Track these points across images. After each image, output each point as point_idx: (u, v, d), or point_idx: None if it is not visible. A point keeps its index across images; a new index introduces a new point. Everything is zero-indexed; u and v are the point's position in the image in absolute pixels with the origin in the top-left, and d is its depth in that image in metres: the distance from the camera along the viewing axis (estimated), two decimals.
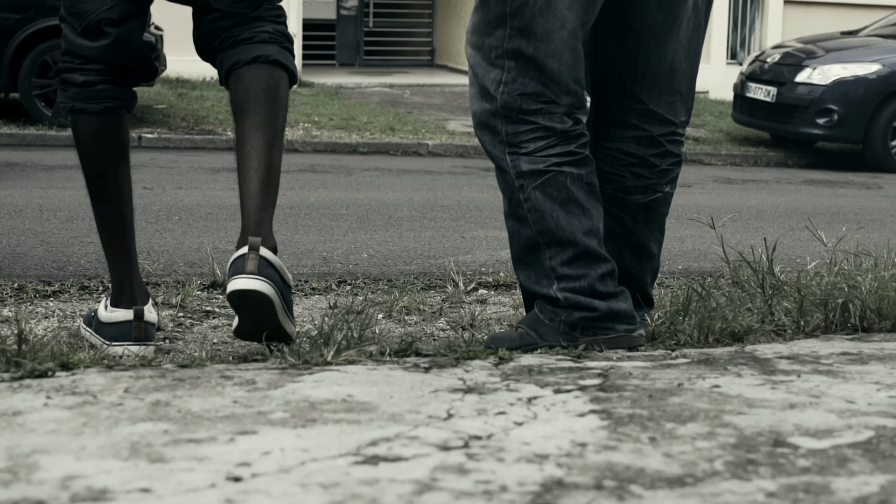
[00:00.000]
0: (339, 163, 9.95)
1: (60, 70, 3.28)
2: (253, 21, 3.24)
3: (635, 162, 3.20)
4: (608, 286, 3.03)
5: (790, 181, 10.40)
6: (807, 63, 12.25)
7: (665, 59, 3.15)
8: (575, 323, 3.01)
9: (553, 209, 2.99)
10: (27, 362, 2.60)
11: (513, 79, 2.98)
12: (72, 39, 3.24)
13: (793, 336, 3.26)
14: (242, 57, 3.18)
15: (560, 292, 3.00)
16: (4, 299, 3.86)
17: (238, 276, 2.97)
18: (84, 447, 1.96)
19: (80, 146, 3.26)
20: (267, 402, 2.27)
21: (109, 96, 3.23)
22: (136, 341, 3.23)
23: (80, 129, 3.24)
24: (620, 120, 3.19)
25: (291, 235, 5.62)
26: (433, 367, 2.63)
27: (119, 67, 3.25)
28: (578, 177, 3.01)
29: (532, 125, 2.99)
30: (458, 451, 1.97)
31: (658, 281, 4.53)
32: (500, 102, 2.99)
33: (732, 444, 2.05)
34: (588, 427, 2.14)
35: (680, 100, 3.22)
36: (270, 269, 3.00)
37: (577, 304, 3.00)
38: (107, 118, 3.23)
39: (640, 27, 3.12)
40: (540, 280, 3.04)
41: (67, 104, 3.24)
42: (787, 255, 5.17)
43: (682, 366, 2.70)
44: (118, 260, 3.31)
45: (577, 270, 3.00)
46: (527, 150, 2.99)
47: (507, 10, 2.96)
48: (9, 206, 6.25)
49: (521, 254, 3.06)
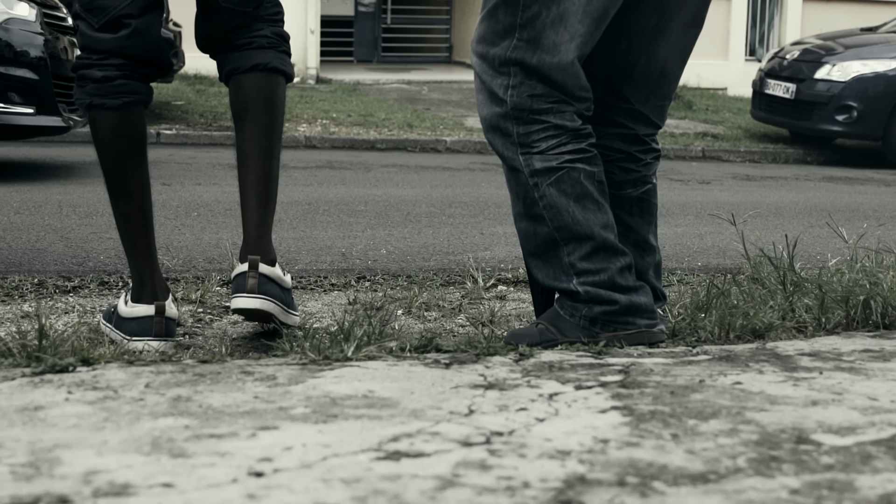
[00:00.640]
0: (357, 159, 9.95)
1: (77, 67, 3.28)
2: (252, 22, 3.36)
3: (622, 157, 3.24)
4: (628, 280, 3.03)
5: (809, 178, 10.37)
6: (826, 59, 12.21)
7: (655, 63, 3.17)
8: (595, 318, 3.01)
9: (568, 204, 2.99)
10: (48, 357, 2.60)
11: (520, 82, 2.99)
12: (90, 35, 3.24)
13: (814, 333, 3.25)
14: (241, 64, 3.34)
15: (580, 286, 3.00)
16: (25, 295, 3.87)
17: (240, 294, 3.28)
18: (106, 442, 1.96)
19: (99, 142, 3.26)
20: (288, 397, 2.27)
21: (128, 91, 3.25)
22: (156, 336, 3.24)
23: (99, 125, 3.25)
24: (607, 118, 3.21)
25: (310, 231, 5.62)
26: (453, 363, 2.63)
27: (138, 60, 3.26)
28: (591, 174, 3.02)
29: (543, 124, 2.99)
30: (479, 447, 1.96)
31: (678, 277, 4.53)
32: (510, 105, 3.00)
33: (755, 441, 2.04)
34: (610, 423, 2.13)
35: (668, 104, 3.28)
36: (269, 284, 3.31)
37: (598, 297, 3.00)
38: (125, 113, 3.25)
39: (633, 30, 3.14)
40: (559, 276, 3.04)
41: (85, 100, 3.25)
42: (807, 251, 5.16)
43: (703, 362, 2.69)
44: (138, 255, 3.31)
45: (597, 264, 3.00)
46: (539, 148, 3.00)
47: (517, 21, 2.97)
48: (28, 202, 6.26)
49: (539, 251, 3.06)
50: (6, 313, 3.60)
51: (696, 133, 13.10)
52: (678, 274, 4.67)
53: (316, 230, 5.69)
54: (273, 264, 3.34)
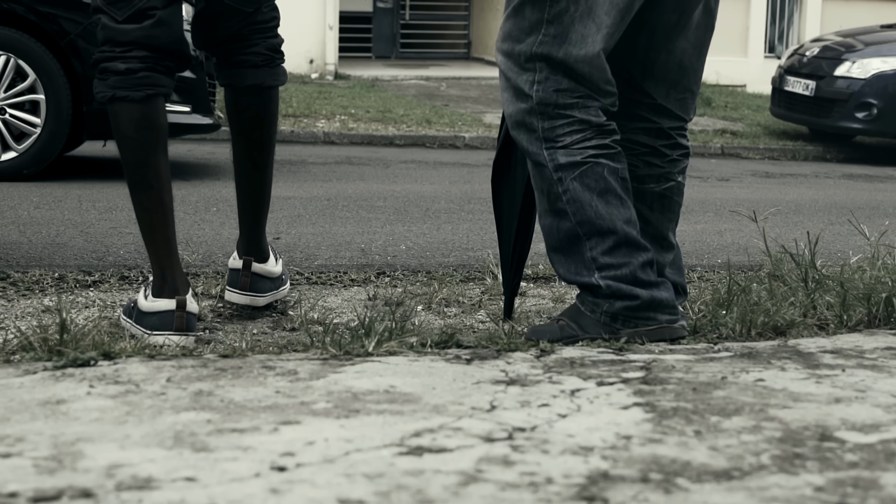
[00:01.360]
0: (375, 155, 9.95)
1: (98, 60, 3.29)
2: (249, 35, 3.53)
3: (646, 151, 3.25)
4: (649, 275, 3.03)
5: (829, 175, 10.33)
6: (846, 56, 12.16)
7: (674, 57, 3.19)
8: (616, 313, 3.00)
9: (592, 199, 2.99)
10: (69, 351, 2.61)
11: (545, 77, 3.00)
12: (112, 27, 3.25)
13: (836, 330, 3.23)
14: (236, 82, 3.56)
15: (602, 280, 3.00)
16: (45, 289, 3.88)
17: (234, 290, 3.65)
18: (128, 436, 1.96)
19: (121, 135, 3.27)
20: (309, 392, 2.27)
21: (151, 83, 3.26)
22: (177, 331, 3.23)
23: (122, 117, 3.25)
24: (631, 112, 3.22)
25: (329, 227, 5.62)
26: (475, 358, 2.62)
27: (161, 52, 3.27)
28: (615, 170, 3.02)
29: (568, 119, 3.00)
30: (502, 442, 1.96)
31: (698, 274, 4.51)
32: (535, 100, 3.01)
33: (778, 438, 2.03)
34: (632, 420, 2.13)
35: (691, 97, 3.28)
36: (260, 280, 3.66)
37: (619, 291, 2.99)
38: (148, 105, 3.26)
39: (654, 26, 3.15)
40: (580, 271, 3.03)
41: (108, 93, 3.25)
42: (828, 249, 5.14)
43: (725, 359, 2.68)
44: (159, 248, 3.31)
45: (619, 259, 3.00)
46: (563, 143, 3.00)
47: (544, 16, 2.99)
48: (48, 197, 6.27)
49: (561, 246, 3.06)
50: (27, 307, 3.61)
51: (715, 130, 13.06)
52: (698, 271, 4.65)
53: (335, 226, 5.69)
54: (265, 260, 3.67)
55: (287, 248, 4.93)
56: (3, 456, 1.84)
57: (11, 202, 6.00)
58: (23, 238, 4.89)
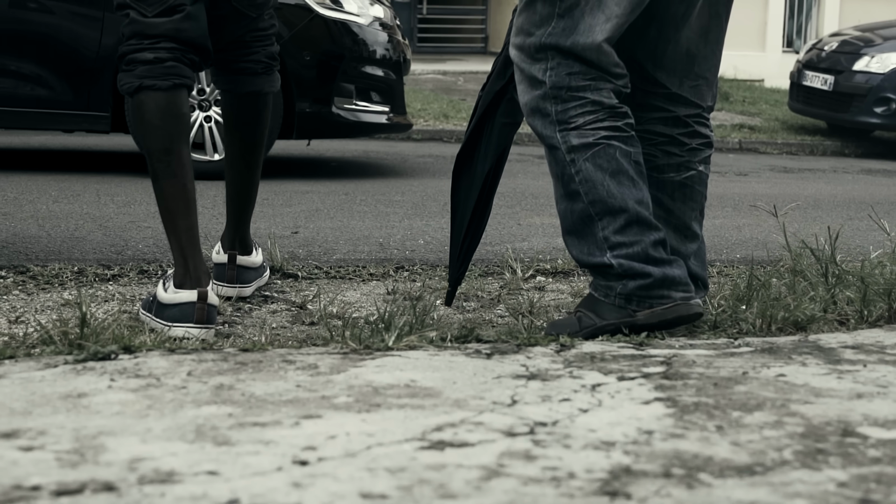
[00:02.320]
0: (393, 149, 9.95)
1: (125, 53, 3.32)
2: (251, 42, 3.69)
3: (665, 140, 3.27)
4: (661, 253, 3.03)
5: (847, 170, 10.30)
6: (865, 51, 12.12)
7: (680, 47, 3.21)
8: (630, 294, 3.00)
9: (604, 178, 3.00)
10: (90, 345, 2.61)
11: (557, 63, 3.04)
12: (141, 21, 3.31)
13: (856, 326, 3.22)
14: (235, 88, 3.73)
15: (614, 258, 3.01)
16: (65, 283, 3.88)
17: (221, 283, 3.78)
18: (150, 429, 1.96)
19: (147, 123, 3.30)
20: (330, 386, 2.27)
21: (178, 74, 3.31)
22: (197, 323, 3.24)
23: (148, 105, 3.29)
24: (646, 103, 3.25)
25: (347, 221, 5.62)
26: (495, 353, 2.62)
27: (188, 45, 3.34)
28: (627, 153, 3.03)
29: (581, 100, 3.03)
30: (523, 437, 1.96)
31: (717, 269, 4.50)
32: (549, 84, 3.04)
33: (801, 434, 2.02)
34: (654, 415, 2.12)
35: (705, 84, 3.29)
36: (244, 272, 3.83)
37: (631, 270, 3.00)
38: (174, 95, 3.31)
39: (662, 18, 3.18)
40: (593, 251, 3.04)
41: (134, 83, 3.29)
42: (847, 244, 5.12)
43: (745, 354, 2.68)
44: (182, 236, 3.31)
45: (630, 237, 3.01)
46: (576, 124, 3.02)
47: (555, 10, 3.03)
48: (67, 191, 6.29)
49: (574, 227, 3.07)
50: (47, 301, 3.61)
51: (733, 125, 13.03)
52: (717, 266, 4.64)
53: (353, 220, 5.69)
54: (249, 253, 3.86)
55: (306, 242, 4.93)
56: (26, 449, 1.84)
57: (30, 196, 6.01)
58: (42, 232, 4.91)
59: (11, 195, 6.03)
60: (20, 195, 6.05)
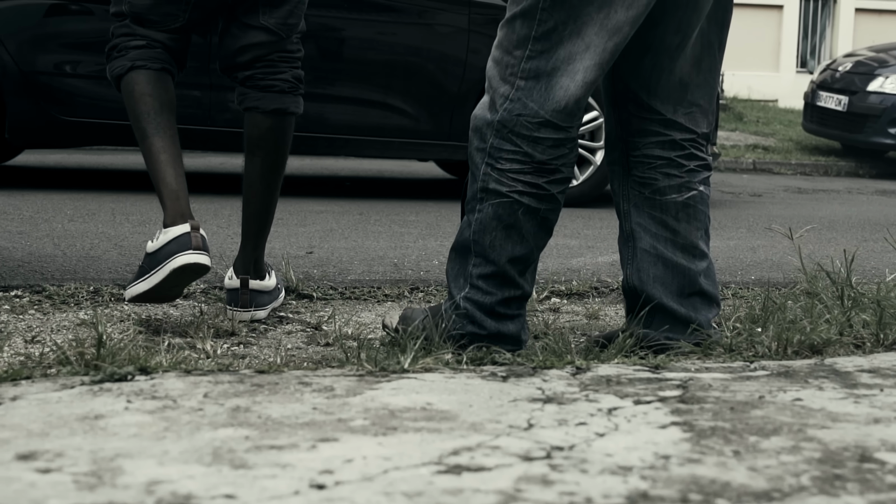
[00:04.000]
0: (407, 169, 9.97)
1: (116, 44, 3.71)
2: (277, 62, 3.80)
3: (663, 163, 3.29)
4: (508, 309, 3.15)
5: (862, 191, 10.29)
6: (879, 72, 12.13)
7: (674, 76, 3.24)
8: (461, 335, 3.12)
9: (496, 228, 3.10)
10: (106, 366, 2.62)
11: (518, 98, 3.07)
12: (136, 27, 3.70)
13: (872, 349, 3.22)
14: (262, 105, 3.78)
15: (464, 301, 3.14)
16: (81, 302, 3.89)
17: (234, 308, 3.78)
18: (167, 452, 1.97)
19: (137, 93, 3.61)
20: (346, 409, 2.27)
21: (167, 61, 3.70)
22: (195, 250, 3.44)
23: (139, 79, 3.62)
24: (642, 129, 3.29)
25: (362, 241, 5.63)
26: (510, 375, 2.62)
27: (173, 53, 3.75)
28: (534, 210, 3.11)
29: (515, 147, 3.08)
30: (540, 461, 1.96)
31: (732, 291, 4.50)
32: (498, 117, 3.10)
33: (818, 459, 2.02)
34: (670, 439, 2.12)
35: (699, 112, 3.31)
36: (259, 295, 3.82)
37: (472, 317, 3.13)
38: (163, 76, 3.67)
39: (657, 49, 3.21)
40: (458, 279, 3.18)
41: (126, 64, 3.64)
42: (862, 266, 5.12)
43: (762, 378, 2.67)
44: (172, 182, 3.54)
45: (488, 287, 3.13)
46: (501, 167, 3.09)
47: (531, 33, 3.06)
48: (82, 210, 6.30)
49: (458, 247, 3.19)
50: (63, 321, 3.62)
51: (746, 145, 13.03)
52: (732, 287, 4.63)
53: (368, 240, 5.70)
54: (262, 278, 3.84)
55: (320, 262, 4.94)
56: (43, 471, 1.85)
57: (46, 215, 6.03)
58: (57, 251, 4.92)
59: (27, 214, 6.05)
60: (36, 214, 6.06)
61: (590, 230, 6.44)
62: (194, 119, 7.08)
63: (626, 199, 3.33)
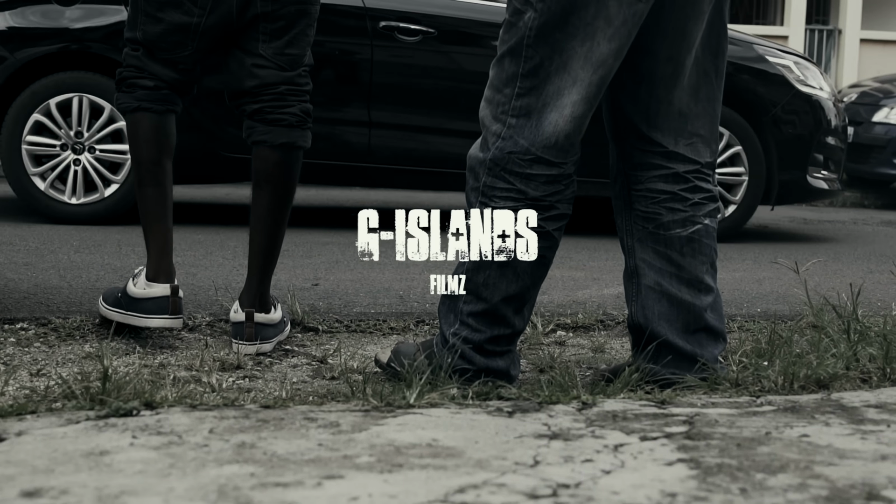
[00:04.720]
0: (412, 199, 9.97)
1: (126, 77, 3.89)
2: (286, 95, 3.87)
3: (667, 198, 3.29)
4: (498, 346, 3.18)
5: (867, 222, 10.29)
6: (884, 102, 12.14)
7: (673, 107, 3.25)
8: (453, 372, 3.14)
9: (489, 267, 3.12)
10: (112, 400, 2.62)
11: (509, 136, 3.09)
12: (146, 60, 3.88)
13: (879, 384, 3.21)
14: (270, 139, 3.85)
15: (453, 337, 3.17)
16: (86, 335, 3.89)
17: (239, 341, 3.78)
18: (172, 489, 1.96)
19: (140, 138, 3.84)
20: (352, 445, 2.27)
21: (171, 101, 3.91)
22: (172, 315, 3.78)
23: (144, 123, 3.85)
24: (645, 162, 3.30)
25: (367, 273, 5.63)
26: (516, 411, 2.62)
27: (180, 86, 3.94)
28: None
29: (508, 185, 3.10)
30: (547, 499, 1.95)
31: (738, 324, 4.49)
32: (490, 156, 3.12)
33: (825, 497, 2.01)
34: (677, 476, 2.11)
35: (701, 142, 3.31)
36: (265, 328, 3.82)
37: (462, 354, 3.15)
38: (167, 118, 3.88)
39: (652, 79, 3.22)
40: (448, 314, 3.22)
41: (133, 104, 3.86)
42: (868, 298, 5.11)
43: (768, 413, 2.67)
44: (160, 237, 3.85)
45: (479, 325, 3.16)
46: (495, 205, 3.10)
47: (519, 70, 3.08)
48: (88, 242, 6.31)
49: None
50: (68, 353, 3.62)
51: None
52: (738, 320, 4.62)
53: (373, 272, 5.70)
54: (268, 311, 3.86)
55: (325, 294, 4.93)
56: None
57: (52, 246, 6.04)
58: (63, 282, 4.92)
59: (33, 245, 6.06)
60: (41, 245, 6.07)
61: (595, 262, 6.44)
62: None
63: (630, 235, 3.33)
